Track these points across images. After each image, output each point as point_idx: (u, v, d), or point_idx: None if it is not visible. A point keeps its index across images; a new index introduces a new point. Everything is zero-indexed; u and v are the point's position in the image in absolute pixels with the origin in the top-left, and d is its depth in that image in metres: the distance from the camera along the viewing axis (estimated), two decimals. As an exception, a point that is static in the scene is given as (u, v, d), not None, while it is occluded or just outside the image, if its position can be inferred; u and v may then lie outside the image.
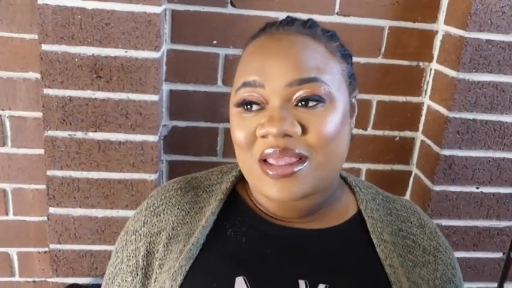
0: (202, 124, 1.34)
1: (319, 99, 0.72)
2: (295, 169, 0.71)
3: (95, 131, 1.18)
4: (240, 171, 0.86)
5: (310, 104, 0.72)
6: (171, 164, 1.37)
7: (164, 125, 1.33)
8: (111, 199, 1.23)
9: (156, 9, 1.11)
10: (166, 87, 1.30)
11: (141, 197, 1.24)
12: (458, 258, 1.39)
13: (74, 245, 1.26)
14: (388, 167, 1.46)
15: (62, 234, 1.25)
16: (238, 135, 0.75)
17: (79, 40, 1.11)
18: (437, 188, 1.34)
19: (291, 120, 0.71)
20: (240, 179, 0.87)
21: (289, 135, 0.71)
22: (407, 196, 1.49)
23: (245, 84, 0.74)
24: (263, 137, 0.72)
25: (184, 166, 1.37)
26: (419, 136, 1.43)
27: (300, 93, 0.72)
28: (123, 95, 1.16)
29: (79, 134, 1.18)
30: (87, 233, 1.26)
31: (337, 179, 0.85)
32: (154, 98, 1.17)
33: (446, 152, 1.31)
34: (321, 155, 0.73)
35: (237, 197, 0.86)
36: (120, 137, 1.19)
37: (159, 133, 1.23)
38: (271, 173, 0.72)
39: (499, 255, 1.43)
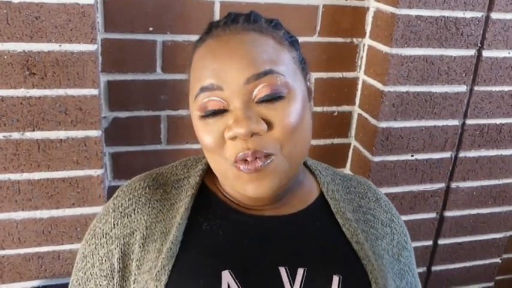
0: (143, 113, 1.31)
1: (279, 95, 0.74)
2: (265, 163, 0.73)
3: (33, 131, 1.12)
4: (206, 163, 0.86)
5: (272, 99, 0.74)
6: (114, 156, 1.33)
7: (104, 117, 1.28)
8: (56, 199, 1.19)
9: (89, 0, 1.05)
10: (103, 78, 1.25)
11: (88, 193, 1.20)
12: (397, 222, 1.49)
13: (19, 249, 1.21)
14: (328, 141, 1.51)
15: (5, 239, 1.19)
16: (206, 140, 0.76)
17: (7, 36, 1.04)
18: (376, 158, 1.41)
19: (256, 118, 0.73)
20: (207, 172, 0.87)
21: (257, 133, 0.73)
22: (348, 167, 1.55)
23: (203, 89, 0.75)
24: (232, 139, 0.73)
25: (128, 157, 1.34)
26: (356, 110, 1.49)
27: (258, 89, 0.73)
28: (60, 91, 1.11)
29: (15, 135, 1.11)
30: (33, 235, 1.21)
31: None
32: (94, 92, 1.13)
33: (384, 125, 1.37)
34: (289, 146, 0.75)
35: (207, 190, 0.86)
36: (61, 134, 1.14)
37: (101, 127, 1.18)
38: (245, 167, 0.73)
39: (433, 215, 1.54)
